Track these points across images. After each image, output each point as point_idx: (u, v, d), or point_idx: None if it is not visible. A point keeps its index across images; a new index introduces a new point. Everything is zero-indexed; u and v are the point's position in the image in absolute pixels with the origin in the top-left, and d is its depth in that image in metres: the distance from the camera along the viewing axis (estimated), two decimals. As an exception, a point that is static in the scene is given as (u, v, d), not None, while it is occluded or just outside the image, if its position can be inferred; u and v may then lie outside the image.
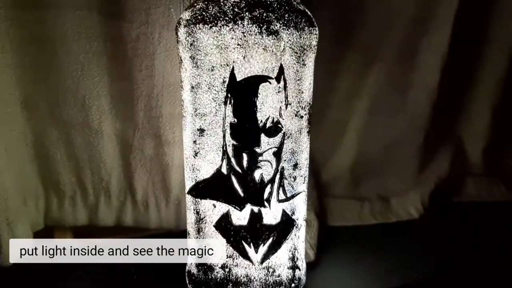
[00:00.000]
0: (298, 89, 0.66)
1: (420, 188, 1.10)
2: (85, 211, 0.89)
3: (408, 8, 0.93)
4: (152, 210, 0.91)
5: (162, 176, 0.89)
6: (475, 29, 1.02)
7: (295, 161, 0.69)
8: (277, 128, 0.65)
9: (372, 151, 1.04)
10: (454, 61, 1.00)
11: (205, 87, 0.63)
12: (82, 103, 0.81)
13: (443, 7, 0.95)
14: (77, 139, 0.84)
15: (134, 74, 0.81)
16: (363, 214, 1.06)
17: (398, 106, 1.02)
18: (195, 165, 0.68)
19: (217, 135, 0.65)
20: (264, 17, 0.61)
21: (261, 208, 0.69)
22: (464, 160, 1.14)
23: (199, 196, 0.69)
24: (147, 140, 0.86)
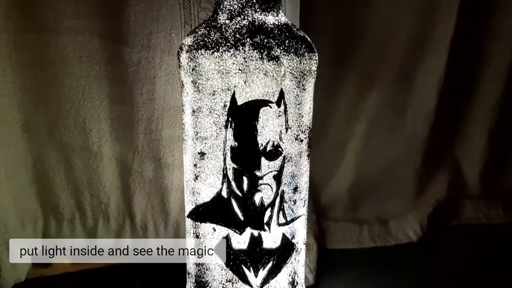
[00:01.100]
0: (298, 113, 0.66)
1: (419, 210, 1.10)
2: (83, 234, 0.88)
3: (405, 32, 0.95)
4: (150, 234, 0.91)
5: (161, 199, 0.89)
6: (471, 53, 1.04)
7: (295, 184, 0.69)
8: (278, 151, 0.65)
9: (370, 173, 1.05)
10: (451, 84, 1.02)
11: (206, 111, 0.64)
12: (82, 126, 0.82)
13: (440, 32, 0.97)
14: (76, 162, 0.84)
15: (135, 98, 0.82)
16: (362, 237, 1.05)
17: (396, 128, 1.03)
18: (195, 188, 0.68)
19: (218, 159, 0.65)
20: (265, 43, 0.62)
21: (261, 231, 0.68)
22: (462, 182, 1.15)
23: (199, 219, 0.69)
24: (147, 163, 0.87)
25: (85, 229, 0.88)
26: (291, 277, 0.73)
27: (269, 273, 0.71)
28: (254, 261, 0.69)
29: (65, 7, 0.75)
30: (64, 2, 0.75)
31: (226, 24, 0.63)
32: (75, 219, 0.88)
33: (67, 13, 0.76)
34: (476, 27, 1.02)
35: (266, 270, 0.70)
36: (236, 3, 0.62)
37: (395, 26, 0.94)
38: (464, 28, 0.98)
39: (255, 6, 0.62)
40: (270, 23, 0.63)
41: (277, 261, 0.70)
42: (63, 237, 0.87)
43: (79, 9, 0.76)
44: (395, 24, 0.94)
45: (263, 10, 0.63)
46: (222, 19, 0.63)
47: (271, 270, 0.70)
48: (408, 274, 0.93)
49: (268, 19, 0.63)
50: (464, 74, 1.06)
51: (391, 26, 0.94)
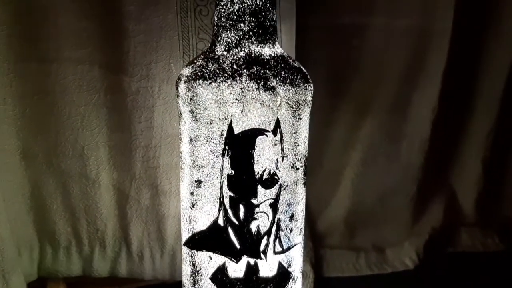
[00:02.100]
0: (294, 142, 0.67)
1: (415, 238, 1.10)
2: (79, 262, 0.88)
3: (399, 62, 0.97)
4: (147, 261, 0.90)
5: (157, 227, 0.89)
6: (464, 83, 1.06)
7: (292, 212, 0.70)
8: (274, 179, 0.66)
9: (366, 201, 1.05)
10: (444, 114, 1.04)
11: (203, 140, 0.64)
12: (80, 153, 0.82)
13: (433, 62, 0.99)
14: (74, 189, 0.84)
15: (133, 126, 0.83)
16: (359, 265, 1.06)
17: (392, 157, 1.04)
18: (192, 216, 0.68)
19: (215, 187, 0.66)
20: (261, 73, 0.63)
21: (258, 260, 0.68)
22: (458, 210, 1.15)
23: (195, 248, 0.69)
24: (144, 190, 0.86)
25: (81, 256, 0.87)
26: None
27: None
28: None
29: (66, 37, 0.76)
30: (65, 33, 0.76)
31: (224, 56, 0.64)
32: (72, 246, 0.87)
33: (68, 44, 0.77)
34: (469, 58, 1.04)
35: None
36: (233, 35, 0.64)
37: (389, 58, 0.96)
38: (457, 58, 1.00)
39: (252, 38, 0.64)
40: (267, 54, 0.65)
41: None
42: (59, 264, 0.87)
43: (80, 39, 0.77)
44: (389, 56, 0.96)
45: (260, 42, 0.65)
46: (220, 51, 0.65)
47: None
48: None
49: (265, 50, 0.65)
50: (458, 103, 1.07)
51: (385, 58, 0.96)
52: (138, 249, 0.89)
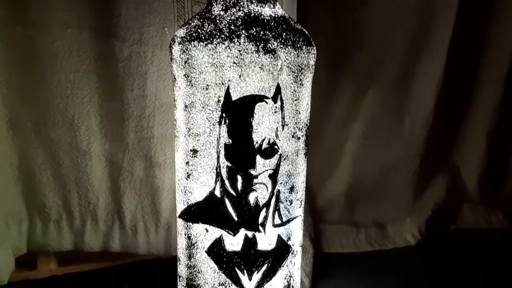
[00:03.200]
0: (295, 110, 0.64)
1: (417, 214, 1.09)
2: (70, 236, 0.85)
3: (403, 35, 0.94)
4: (141, 235, 0.88)
5: (152, 200, 0.87)
6: (469, 56, 1.03)
7: (292, 184, 0.67)
8: (273, 149, 0.63)
9: (367, 176, 1.03)
10: (449, 88, 1.01)
11: (199, 106, 0.61)
12: (70, 123, 0.79)
13: (438, 35, 0.95)
14: (64, 160, 0.81)
15: (125, 94, 0.80)
16: (359, 240, 1.04)
17: (394, 131, 1.02)
18: (187, 187, 0.65)
19: (211, 156, 0.63)
20: (261, 35, 0.59)
21: (256, 233, 0.66)
22: (461, 186, 1.14)
23: (191, 220, 0.66)
24: (137, 162, 0.84)
25: (72, 230, 0.85)
26: (286, 281, 0.71)
27: (264, 277, 0.68)
28: (248, 263, 0.67)
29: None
30: (52, -5, 0.72)
31: (221, 16, 0.60)
32: (62, 219, 0.84)
33: (56, 6, 0.73)
34: (475, 31, 1.01)
35: (261, 273, 0.68)
36: (231, -7, 0.60)
37: (393, 29, 0.93)
38: (462, 32, 0.97)
39: (251, -3, 0.60)
40: (267, 14, 0.61)
41: (272, 263, 0.68)
42: (50, 238, 0.84)
43: (69, 1, 0.73)
44: (393, 27, 0.93)
45: (259, 1, 0.61)
46: (217, 10, 0.61)
47: (266, 273, 0.68)
48: (406, 279, 0.91)
49: (265, 10, 0.61)
50: (463, 77, 1.05)
51: (389, 29, 0.93)
52: (132, 223, 0.87)
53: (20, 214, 0.82)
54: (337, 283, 0.89)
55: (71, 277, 0.87)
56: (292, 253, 0.70)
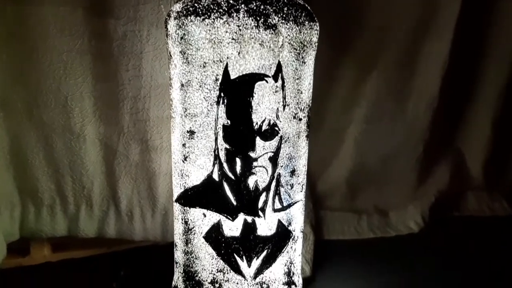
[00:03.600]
0: (297, 89, 0.61)
1: (420, 201, 1.07)
2: (64, 221, 0.84)
3: (408, 14, 0.91)
4: (137, 221, 0.86)
5: (148, 184, 0.85)
6: (477, 38, 1.00)
7: (293, 167, 0.65)
8: (274, 131, 0.61)
9: (370, 162, 1.01)
10: (455, 70, 0.98)
11: (196, 85, 0.59)
12: (63, 104, 0.77)
13: (445, 14, 0.93)
14: (57, 143, 0.80)
15: (120, 74, 0.78)
16: (361, 227, 1.03)
17: (397, 115, 0.99)
18: (184, 170, 0.63)
19: (209, 138, 0.61)
20: (261, 9, 0.57)
21: (255, 218, 0.64)
22: (465, 173, 1.11)
23: (188, 204, 0.64)
24: (133, 145, 0.82)
25: (66, 215, 0.83)
26: (287, 267, 0.70)
27: (263, 263, 0.67)
28: (247, 249, 0.66)
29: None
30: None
31: (219, -11, 0.57)
32: (56, 204, 0.83)
33: (47, -17, 0.70)
34: (483, 11, 0.98)
35: (260, 259, 0.67)
36: (230, -35, 0.57)
37: (398, 7, 0.90)
38: (471, 11, 0.94)
39: (251, -31, 0.57)
40: (267, -12, 0.58)
41: (272, 249, 0.67)
42: (43, 224, 0.82)
43: (60, -22, 0.71)
44: (398, 5, 0.90)
45: (260, -26, 0.58)
46: (215, -16, 0.58)
47: (266, 259, 0.67)
48: (409, 267, 0.90)
49: (265, -16, 0.58)
50: (469, 60, 1.02)
51: (394, 7, 0.90)
52: (128, 208, 0.86)
53: (12, 199, 0.81)
54: (338, 270, 0.87)
55: (65, 264, 0.85)
56: (293, 239, 0.69)
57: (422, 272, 0.88)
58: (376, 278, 0.85)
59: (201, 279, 0.67)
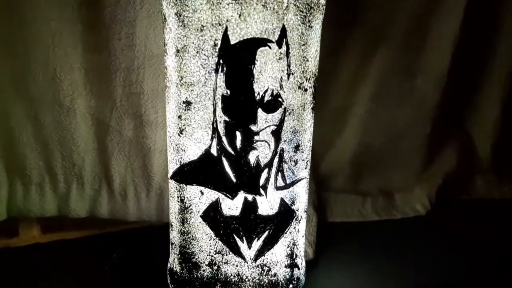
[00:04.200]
0: (303, 56, 0.57)
1: (427, 183, 1.05)
2: (54, 201, 0.81)
3: None
4: (130, 200, 0.84)
5: (142, 162, 0.83)
6: (488, 13, 0.97)
7: (297, 142, 0.61)
8: (277, 102, 0.58)
9: (375, 141, 0.99)
10: (466, 48, 0.95)
11: (192, 51, 0.55)
12: (52, 76, 0.74)
13: None
14: (46, 118, 0.77)
15: (112, 44, 0.75)
16: (365, 210, 1.00)
17: (405, 93, 0.96)
18: (180, 144, 0.60)
19: (206, 109, 0.57)
20: (264, -33, 0.53)
21: (256, 196, 0.61)
22: (473, 155, 1.08)
23: (184, 181, 0.61)
24: (126, 120, 0.80)
25: (56, 194, 0.81)
26: (289, 249, 0.67)
27: (265, 244, 0.64)
28: (247, 230, 0.63)
29: None
30: None
31: None
32: (45, 183, 0.81)
33: None
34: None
35: (261, 240, 0.64)
36: None
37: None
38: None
39: None
40: None
41: (274, 230, 0.64)
42: (31, 203, 0.80)
43: None
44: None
45: None
46: None
47: (267, 240, 0.64)
48: (415, 250, 0.88)
49: None
50: (480, 38, 0.98)
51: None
52: (121, 187, 0.84)
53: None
54: (342, 254, 0.85)
55: (56, 245, 0.83)
56: (296, 219, 0.66)
57: (428, 256, 0.86)
58: (381, 262, 0.83)
59: (198, 261, 0.64)
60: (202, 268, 0.64)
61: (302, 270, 0.70)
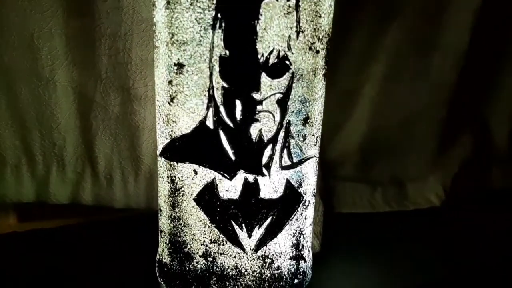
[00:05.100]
0: (315, 11, 0.50)
1: (442, 171, 1.01)
2: (32, 185, 0.79)
3: None
4: (117, 185, 0.81)
5: (130, 142, 0.79)
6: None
7: (306, 113, 0.54)
8: (284, 65, 0.51)
9: (386, 125, 0.94)
10: (488, 23, 0.89)
11: (185, 3, 0.48)
12: (29, 43, 0.70)
13: None
14: (22, 91, 0.73)
15: (96, 6, 0.70)
16: (375, 200, 0.98)
17: (419, 73, 0.91)
18: (170, 115, 0.53)
19: (202, 73, 0.50)
20: None
21: (258, 176, 0.55)
22: (491, 142, 1.04)
23: (175, 158, 0.55)
24: (112, 94, 0.76)
25: (34, 177, 0.78)
26: (295, 239, 0.60)
27: (267, 232, 0.58)
28: (247, 216, 0.57)
29: None
30: None
31: None
32: (21, 164, 0.77)
33: None
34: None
35: (263, 228, 0.58)
36: None
37: None
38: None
39: None
40: None
41: (278, 216, 0.58)
42: (7, 187, 0.77)
43: None
44: None
45: None
46: None
47: (270, 228, 0.58)
48: (429, 244, 0.85)
49: None
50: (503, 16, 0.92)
51: None
52: (106, 170, 0.80)
53: (-30, 158, 0.74)
54: (350, 247, 0.82)
55: (34, 235, 0.80)
56: (304, 204, 0.59)
57: (443, 250, 0.83)
58: (392, 256, 0.80)
59: (190, 251, 0.58)
60: (195, 260, 0.58)
61: (309, 263, 0.63)
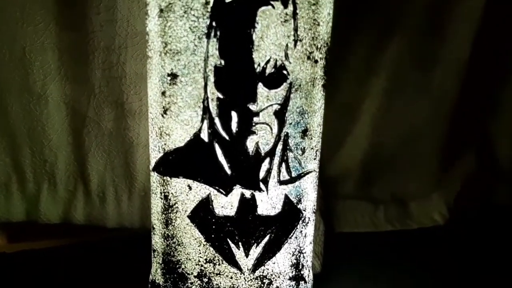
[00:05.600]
0: (313, 19, 0.49)
1: (446, 189, 1.00)
2: (22, 204, 0.77)
3: None
4: (110, 204, 0.79)
5: (124, 159, 0.78)
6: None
7: (305, 125, 0.53)
8: (281, 75, 0.50)
9: (388, 142, 0.93)
10: (489, 36, 0.89)
11: (179, 11, 0.47)
12: (20, 57, 0.69)
13: None
14: (13, 106, 0.72)
15: (89, 19, 0.69)
16: (377, 219, 0.97)
17: (421, 87, 0.90)
18: (163, 128, 0.52)
19: (196, 84, 0.49)
20: None
21: (255, 192, 0.53)
22: (495, 157, 1.02)
23: (168, 173, 0.53)
24: (106, 110, 0.75)
25: (24, 196, 0.77)
26: (295, 258, 0.58)
27: (265, 251, 0.56)
28: (244, 233, 0.56)
29: None
30: None
31: None
32: (11, 183, 0.76)
33: None
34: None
35: (261, 246, 0.56)
36: None
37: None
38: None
39: None
40: None
41: (277, 234, 0.56)
42: None
43: None
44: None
45: None
46: None
47: (268, 246, 0.56)
48: (432, 263, 0.84)
49: None
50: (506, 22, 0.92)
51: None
52: (99, 188, 0.79)
53: (-43, 175, 0.73)
54: (352, 267, 0.81)
55: (24, 255, 0.79)
56: (303, 221, 0.57)
57: (447, 270, 0.82)
58: (395, 276, 0.79)
59: (185, 271, 0.56)
60: (190, 280, 0.56)
61: (310, 284, 0.61)
